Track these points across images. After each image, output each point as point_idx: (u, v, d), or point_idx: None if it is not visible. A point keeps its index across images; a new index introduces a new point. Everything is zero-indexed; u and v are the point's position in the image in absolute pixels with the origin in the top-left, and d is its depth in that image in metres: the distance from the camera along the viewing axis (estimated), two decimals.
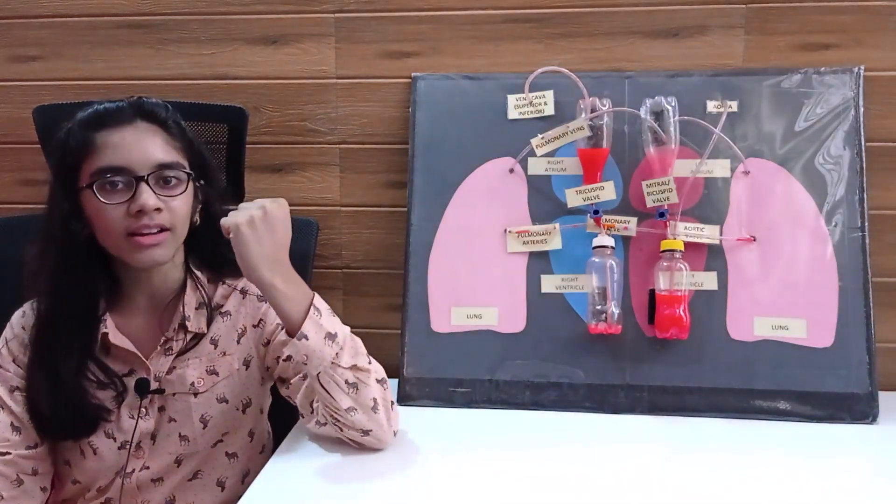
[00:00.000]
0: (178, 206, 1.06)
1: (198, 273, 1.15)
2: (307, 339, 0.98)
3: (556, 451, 1.10)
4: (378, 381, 1.04)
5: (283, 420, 1.22)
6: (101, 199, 1.03)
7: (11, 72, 1.51)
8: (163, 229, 1.05)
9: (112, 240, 1.05)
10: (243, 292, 1.16)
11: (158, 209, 1.03)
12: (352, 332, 1.05)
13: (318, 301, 1.02)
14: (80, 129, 1.05)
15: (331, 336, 1.00)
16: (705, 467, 1.04)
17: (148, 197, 1.02)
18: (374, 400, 1.03)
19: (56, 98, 1.41)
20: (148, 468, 1.10)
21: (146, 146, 1.05)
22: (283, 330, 1.08)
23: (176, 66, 1.47)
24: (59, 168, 1.07)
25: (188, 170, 1.08)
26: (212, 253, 1.14)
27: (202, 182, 1.12)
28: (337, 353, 1.00)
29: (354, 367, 1.01)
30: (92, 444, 1.09)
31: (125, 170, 1.03)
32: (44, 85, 1.50)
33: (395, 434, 1.09)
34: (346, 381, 1.00)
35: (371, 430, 1.04)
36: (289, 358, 1.08)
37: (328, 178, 1.48)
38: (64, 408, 1.06)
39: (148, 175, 1.03)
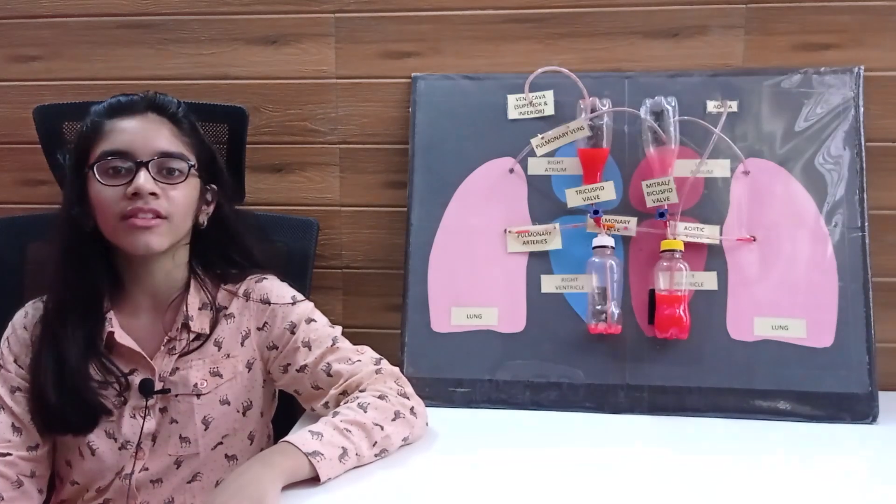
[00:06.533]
0: (177, 196, 1.07)
1: (201, 275, 1.15)
2: (331, 478, 0.95)
3: (556, 450, 1.10)
4: (392, 418, 1.03)
5: (283, 420, 1.22)
6: (100, 181, 1.05)
7: (11, 72, 1.51)
8: (159, 216, 1.05)
9: (108, 223, 1.06)
10: (246, 295, 1.16)
11: (154, 194, 1.05)
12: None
13: (302, 443, 0.94)
14: (94, 117, 1.09)
15: (343, 456, 0.96)
16: (705, 467, 1.04)
17: (145, 180, 1.04)
18: (404, 438, 1.05)
19: (56, 98, 1.41)
20: (147, 469, 1.10)
21: (152, 135, 1.07)
22: (294, 338, 1.11)
23: (176, 66, 1.47)
24: (73, 154, 1.10)
25: (192, 162, 1.09)
26: (218, 257, 1.16)
27: (213, 186, 1.14)
28: (357, 457, 0.98)
29: (375, 444, 1.00)
30: (91, 445, 1.09)
31: (127, 154, 1.05)
32: (44, 85, 1.50)
33: (426, 423, 1.11)
34: (376, 455, 1.01)
35: (407, 438, 1.06)
36: (302, 369, 1.11)
37: (328, 178, 1.48)
38: (70, 400, 1.06)
39: (149, 161, 1.05)
